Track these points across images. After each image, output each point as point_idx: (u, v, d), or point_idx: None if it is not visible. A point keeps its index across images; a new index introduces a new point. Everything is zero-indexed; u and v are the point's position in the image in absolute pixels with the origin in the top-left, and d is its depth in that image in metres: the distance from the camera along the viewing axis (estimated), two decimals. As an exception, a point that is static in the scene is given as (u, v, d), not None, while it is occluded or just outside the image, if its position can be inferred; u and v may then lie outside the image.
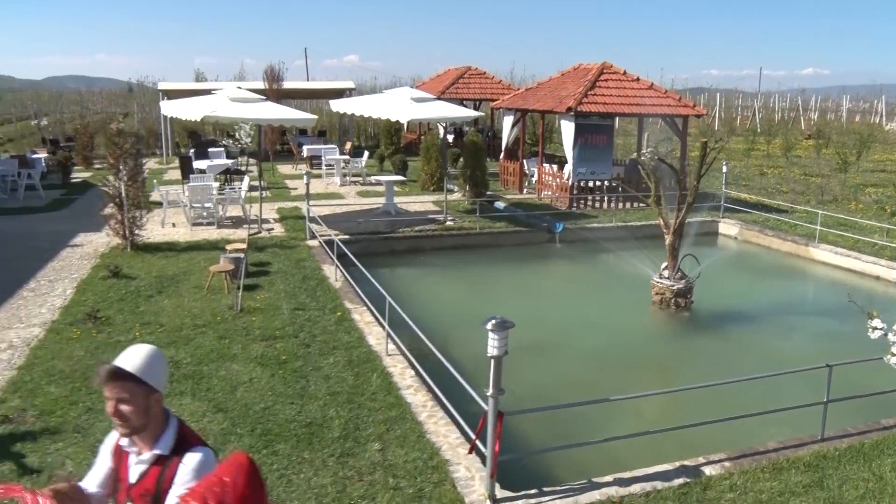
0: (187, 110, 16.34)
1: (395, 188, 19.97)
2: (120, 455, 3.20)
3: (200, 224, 17.42)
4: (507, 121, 24.58)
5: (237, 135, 17.53)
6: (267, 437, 6.95)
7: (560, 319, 12.93)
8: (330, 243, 13.98)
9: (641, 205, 20.75)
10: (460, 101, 30.30)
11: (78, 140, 30.51)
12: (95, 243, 15.75)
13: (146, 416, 3.04)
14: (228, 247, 13.40)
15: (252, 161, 25.63)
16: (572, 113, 19.97)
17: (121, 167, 14.45)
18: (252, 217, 17.96)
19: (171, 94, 32.87)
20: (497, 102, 25.29)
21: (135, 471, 3.13)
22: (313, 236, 15.85)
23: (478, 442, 6.50)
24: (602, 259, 16.99)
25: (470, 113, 19.74)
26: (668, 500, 6.19)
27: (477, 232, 17.66)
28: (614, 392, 7.79)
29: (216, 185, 18.38)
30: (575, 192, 20.76)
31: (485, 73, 33.65)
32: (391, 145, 31.35)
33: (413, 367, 8.76)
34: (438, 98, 21.34)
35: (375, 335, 9.96)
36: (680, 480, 6.51)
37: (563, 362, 10.76)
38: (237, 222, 17.78)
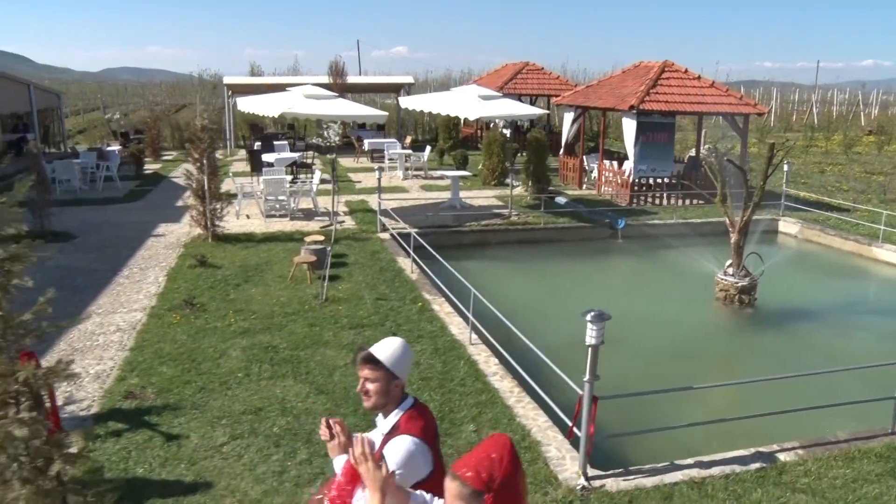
0: (264, 106, 17.03)
1: (459, 182, 20.44)
2: None
3: (273, 216, 18.11)
4: (568, 117, 24.91)
5: (325, 133, 18.16)
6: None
7: (626, 313, 13.20)
8: (405, 236, 14.55)
9: (700, 202, 21.02)
10: (518, 97, 30.66)
11: (147, 133, 31.50)
12: (177, 233, 16.52)
13: (386, 397, 3.59)
14: (307, 239, 14.01)
15: (313, 154, 26.36)
16: (634, 111, 20.26)
17: (204, 161, 15.16)
18: (322, 209, 18.62)
19: (236, 89, 33.86)
20: (559, 99, 25.63)
21: (377, 441, 3.66)
22: (384, 229, 16.45)
23: (571, 425, 6.97)
24: (664, 255, 17.30)
25: (535, 111, 20.15)
26: (746, 483, 6.61)
27: (541, 227, 18.09)
28: (683, 383, 8.19)
29: (289, 178, 19.05)
30: (636, 188, 21.06)
31: (542, 68, 33.94)
32: (449, 139, 31.91)
33: (497, 356, 9.26)
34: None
35: (457, 325, 10.49)
36: (756, 465, 6.93)
37: (631, 355, 11.13)
38: (308, 214, 18.44)
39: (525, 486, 2.82)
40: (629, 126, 21.09)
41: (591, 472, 6.58)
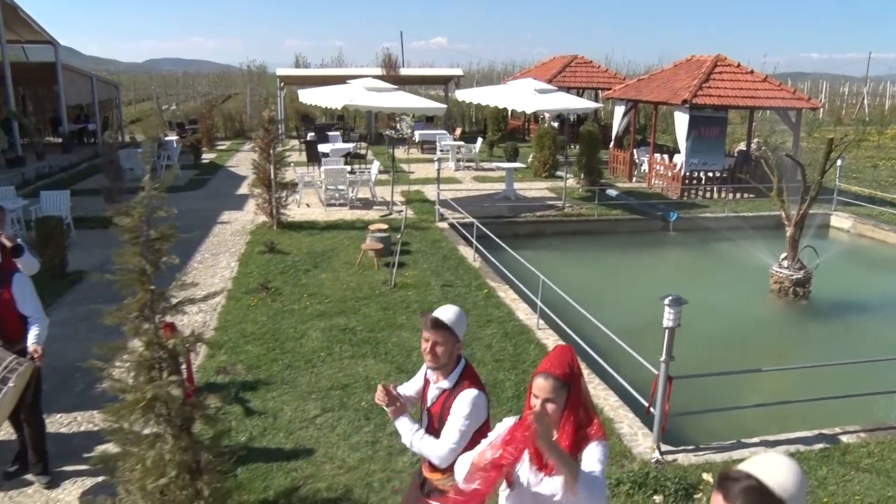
0: (327, 98, 17.54)
1: (513, 174, 20.79)
2: (426, 381, 4.26)
3: (333, 205, 18.65)
4: (618, 111, 25.15)
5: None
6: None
7: (701, 301, 13.62)
8: (465, 226, 14.99)
9: (750, 196, 21.16)
10: (566, 90, 30.91)
11: (202, 123, 32.26)
12: (241, 221, 17.12)
13: (448, 357, 4.06)
14: (372, 227, 14.49)
15: (366, 145, 26.89)
16: (687, 105, 20.47)
17: (270, 151, 15.71)
18: (380, 199, 19.12)
19: (288, 80, 34.52)
20: (610, 92, 25.88)
21: (431, 395, 4.16)
22: (442, 218, 16.90)
23: (647, 404, 7.37)
24: (717, 247, 17.54)
25: (590, 104, 20.51)
26: (811, 461, 6.96)
27: (595, 219, 18.42)
28: (743, 369, 8.53)
29: (348, 168, 19.57)
30: (687, 182, 21.27)
31: (591, 62, 34.14)
32: (498, 132, 32.27)
33: (564, 340, 9.66)
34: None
35: (523, 311, 10.91)
36: (820, 446, 7.26)
37: (689, 342, 11.33)
38: (366, 204, 18.95)
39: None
40: (681, 120, 21.30)
41: (664, 447, 6.97)
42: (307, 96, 18.61)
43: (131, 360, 4.92)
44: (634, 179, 24.01)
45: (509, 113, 34.26)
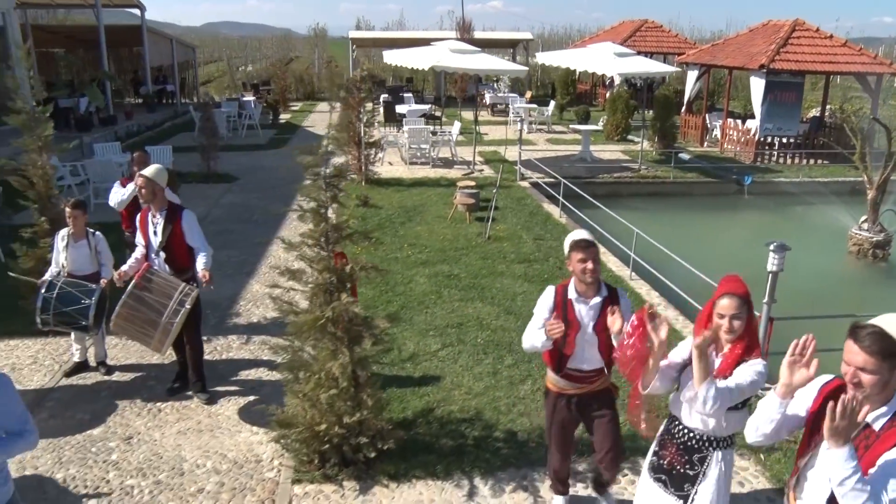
0: (413, 59, 18.11)
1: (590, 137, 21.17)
2: (568, 303, 4.74)
3: (416, 163, 19.28)
4: (691, 75, 25.27)
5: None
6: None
7: (761, 261, 14.01)
8: (550, 185, 15.50)
9: (824, 161, 21.27)
10: (636, 54, 31.00)
11: (277, 84, 33.07)
12: (329, 177, 17.80)
13: (595, 277, 4.61)
14: (460, 183, 15.08)
15: (440, 107, 27.39)
16: (764, 70, 20.58)
17: (361, 110, 16.35)
18: (459, 158, 19.69)
19: (360, 43, 35.13)
20: (683, 57, 25.97)
21: (587, 314, 4.69)
22: (522, 178, 17.43)
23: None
24: (792, 210, 17.79)
25: (668, 68, 20.72)
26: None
27: (671, 181, 18.79)
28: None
29: (430, 128, 20.16)
30: (760, 147, 21.44)
31: (661, 26, 34.08)
32: (567, 95, 32.54)
33: (656, 289, 10.22)
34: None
35: (613, 263, 11.49)
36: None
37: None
38: (447, 163, 19.53)
39: None
40: (757, 85, 21.41)
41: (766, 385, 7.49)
42: (393, 57, 19.18)
43: (309, 284, 5.61)
44: (706, 144, 24.19)
45: (577, 77, 34.52)
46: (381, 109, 24.87)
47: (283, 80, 32.68)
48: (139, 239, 7.01)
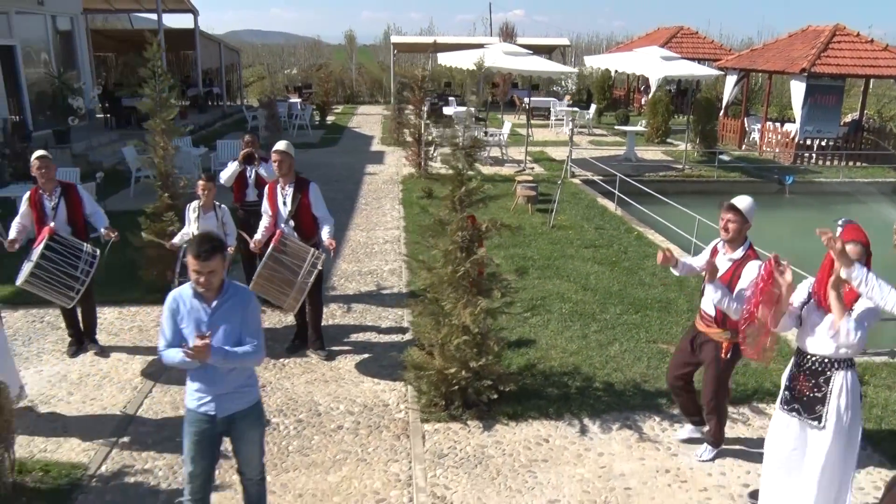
0: (468, 61, 18.87)
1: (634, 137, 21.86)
2: (714, 252, 5.66)
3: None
4: (730, 80, 25.89)
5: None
6: (635, 306, 9.31)
7: (810, 255, 14.67)
8: (604, 181, 16.23)
9: (863, 164, 21.84)
10: (681, 58, 31.63)
11: (321, 87, 33.96)
12: (387, 172, 18.65)
13: (739, 235, 5.37)
14: (518, 178, 15.82)
15: (485, 109, 28.18)
16: (805, 74, 21.20)
17: (422, 108, 17.15)
18: (508, 158, 20.44)
19: (401, 48, 36.00)
20: (722, 62, 26.61)
21: (722, 265, 5.44)
22: (573, 175, 18.15)
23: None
24: (834, 208, 18.33)
25: (712, 72, 21.41)
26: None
27: (714, 180, 19.45)
28: None
29: (483, 128, 20.93)
30: (800, 148, 22.03)
31: (696, 32, 34.69)
32: (604, 100, 33.24)
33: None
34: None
35: (673, 249, 12.15)
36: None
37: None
38: (497, 161, 20.28)
39: None
40: (797, 88, 22.02)
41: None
42: (447, 59, 19.97)
43: (445, 243, 6.36)
44: (744, 147, 24.80)
45: (612, 82, 35.28)
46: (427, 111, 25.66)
47: (326, 84, 33.55)
48: (266, 209, 7.81)
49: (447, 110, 24.63)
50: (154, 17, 29.22)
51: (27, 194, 7.68)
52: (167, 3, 28.98)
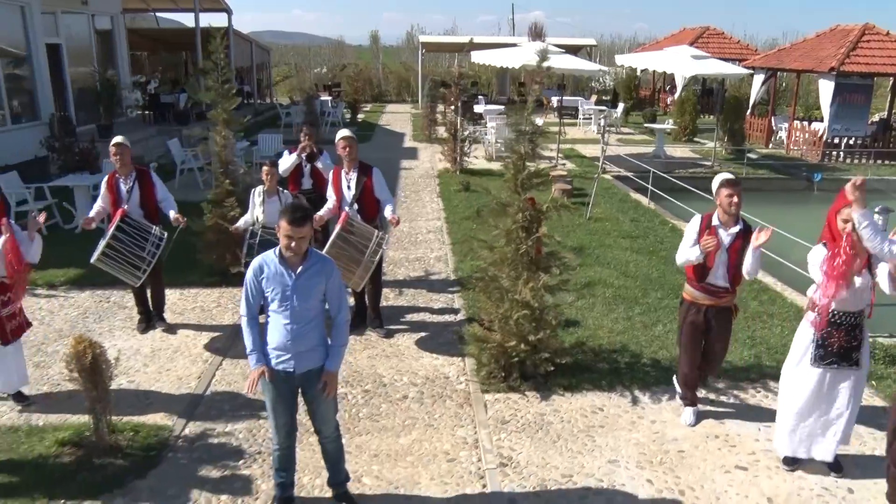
0: (500, 59, 19.32)
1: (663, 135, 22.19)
2: (712, 230, 5.98)
3: (501, 157, 20.41)
4: (757, 79, 26.15)
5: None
6: (675, 291, 9.66)
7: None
8: (636, 177, 16.59)
9: (891, 162, 22.06)
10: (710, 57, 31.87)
11: (352, 85, 34.47)
12: (422, 167, 19.09)
13: (738, 210, 5.75)
14: (553, 173, 16.20)
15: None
16: (834, 72, 21.45)
17: (458, 105, 17.57)
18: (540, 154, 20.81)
19: (429, 47, 36.48)
20: (750, 61, 26.87)
21: (727, 238, 5.86)
22: (604, 171, 18.51)
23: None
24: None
25: (742, 71, 21.71)
26: None
27: (744, 177, 19.73)
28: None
29: (513, 125, 21.33)
30: (828, 147, 22.27)
31: (723, 32, 34.90)
32: (629, 99, 33.55)
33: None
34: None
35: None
36: None
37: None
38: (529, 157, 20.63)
39: None
40: (826, 87, 22.27)
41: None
42: (481, 57, 20.39)
43: (506, 223, 6.77)
44: (771, 146, 25.06)
45: (638, 82, 35.61)
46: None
47: (356, 82, 34.07)
48: (331, 193, 8.27)
49: (477, 108, 25.03)
50: (179, 16, 29.85)
51: (105, 178, 8.18)
52: (203, 3, 29.55)
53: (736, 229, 5.94)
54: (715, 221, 6.01)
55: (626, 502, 5.29)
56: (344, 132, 8.10)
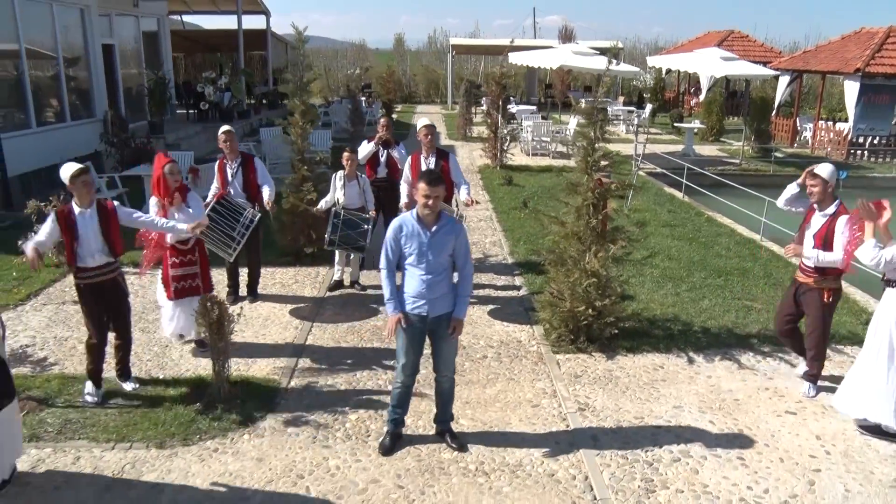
0: (540, 60, 20.14)
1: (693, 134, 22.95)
2: (811, 210, 6.72)
3: (536, 154, 21.27)
4: (782, 81, 26.85)
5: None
6: (717, 272, 10.48)
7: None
8: (665, 174, 17.37)
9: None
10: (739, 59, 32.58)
11: (384, 86, 35.37)
12: (462, 164, 19.59)
13: (824, 195, 6.51)
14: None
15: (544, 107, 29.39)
16: (859, 73, 22.14)
17: (499, 103, 18.40)
18: (573, 152, 21.63)
19: (459, 49, 37.33)
20: (776, 63, 27.57)
21: (817, 222, 6.59)
22: (638, 168, 19.29)
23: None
24: (890, 202, 19.31)
25: (769, 72, 22.44)
26: None
27: (771, 174, 20.48)
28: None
29: (549, 122, 22.17)
30: (853, 146, 22.96)
31: (747, 36, 35.53)
32: (655, 101, 34.29)
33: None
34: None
35: (742, 229, 13.31)
36: None
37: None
38: (563, 155, 21.48)
39: None
40: (851, 88, 22.96)
41: None
42: (520, 58, 21.22)
43: (576, 201, 7.58)
44: (796, 145, 25.75)
45: (663, 85, 36.37)
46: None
47: (388, 83, 34.95)
48: (407, 177, 9.12)
49: (512, 108, 25.86)
50: (198, 19, 30.77)
51: (217, 163, 9.08)
52: (243, 5, 30.53)
53: (829, 211, 6.58)
54: (815, 205, 6.73)
55: (694, 437, 6.10)
56: (424, 120, 8.97)
